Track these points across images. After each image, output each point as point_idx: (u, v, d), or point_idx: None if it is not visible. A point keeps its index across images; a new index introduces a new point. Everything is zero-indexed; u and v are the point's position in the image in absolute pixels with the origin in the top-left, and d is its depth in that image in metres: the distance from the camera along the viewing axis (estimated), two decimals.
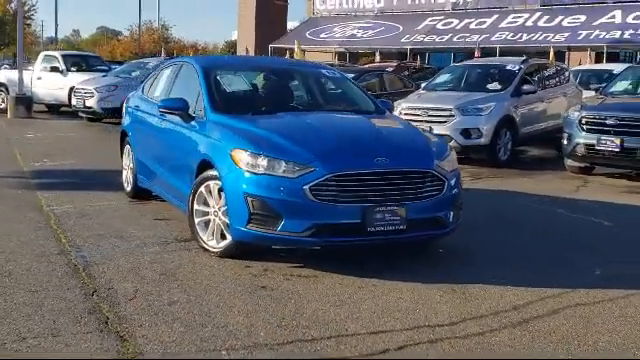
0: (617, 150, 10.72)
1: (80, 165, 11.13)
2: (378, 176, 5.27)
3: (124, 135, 8.42)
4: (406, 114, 12.15)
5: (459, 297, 4.80)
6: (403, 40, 31.54)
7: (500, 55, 26.19)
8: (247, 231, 5.30)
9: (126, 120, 8.41)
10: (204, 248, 5.78)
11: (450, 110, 12.46)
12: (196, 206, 5.83)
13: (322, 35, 35.65)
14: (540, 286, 5.09)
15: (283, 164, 5.22)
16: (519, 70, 13.89)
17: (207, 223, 5.80)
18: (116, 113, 19.56)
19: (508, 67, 14.33)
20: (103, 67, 25.19)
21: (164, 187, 6.98)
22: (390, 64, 23.28)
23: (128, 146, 8.21)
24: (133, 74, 21.55)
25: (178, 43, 61.17)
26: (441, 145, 5.97)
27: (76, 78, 21.71)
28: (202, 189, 5.77)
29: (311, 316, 4.36)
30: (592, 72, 20.17)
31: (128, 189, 8.24)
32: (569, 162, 11.87)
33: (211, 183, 5.71)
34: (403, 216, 5.29)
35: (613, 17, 27.94)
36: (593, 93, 16.72)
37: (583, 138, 11.17)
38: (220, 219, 5.66)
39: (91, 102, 19.69)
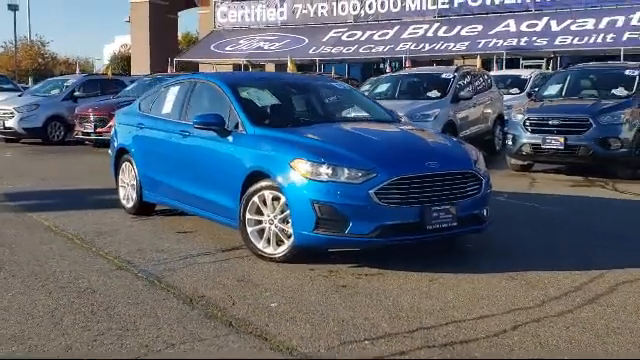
0: (561, 148, 11.71)
1: (43, 185, 10.95)
2: (432, 178, 5.75)
3: (122, 153, 8.46)
4: None
5: (522, 284, 5.32)
6: (311, 52, 32.20)
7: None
8: (314, 235, 5.62)
9: (124, 138, 8.44)
10: (259, 255, 6.04)
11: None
12: (249, 216, 6.09)
13: (227, 48, 35.81)
14: (580, 269, 5.70)
15: (346, 171, 5.59)
16: (454, 78, 14.77)
17: (260, 232, 6.07)
18: (37, 132, 19.17)
19: (443, 75, 15.21)
20: (10, 86, 24.42)
21: (190, 201, 7.14)
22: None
23: (128, 163, 8.28)
24: (52, 92, 21.11)
25: (53, 59, 59.38)
26: (473, 148, 6.52)
27: None
28: (255, 199, 6.04)
29: (412, 308, 4.75)
30: (499, 77, 21.43)
31: (129, 205, 8.31)
32: (513, 161, 12.83)
33: (265, 192, 5.98)
34: (454, 214, 5.79)
35: (508, 26, 29.72)
36: (510, 96, 18.03)
37: (528, 138, 12.11)
38: (276, 226, 5.95)
39: (11, 122, 19.16)
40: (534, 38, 28.33)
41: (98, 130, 17.45)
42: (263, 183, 6.01)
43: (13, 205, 9.09)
